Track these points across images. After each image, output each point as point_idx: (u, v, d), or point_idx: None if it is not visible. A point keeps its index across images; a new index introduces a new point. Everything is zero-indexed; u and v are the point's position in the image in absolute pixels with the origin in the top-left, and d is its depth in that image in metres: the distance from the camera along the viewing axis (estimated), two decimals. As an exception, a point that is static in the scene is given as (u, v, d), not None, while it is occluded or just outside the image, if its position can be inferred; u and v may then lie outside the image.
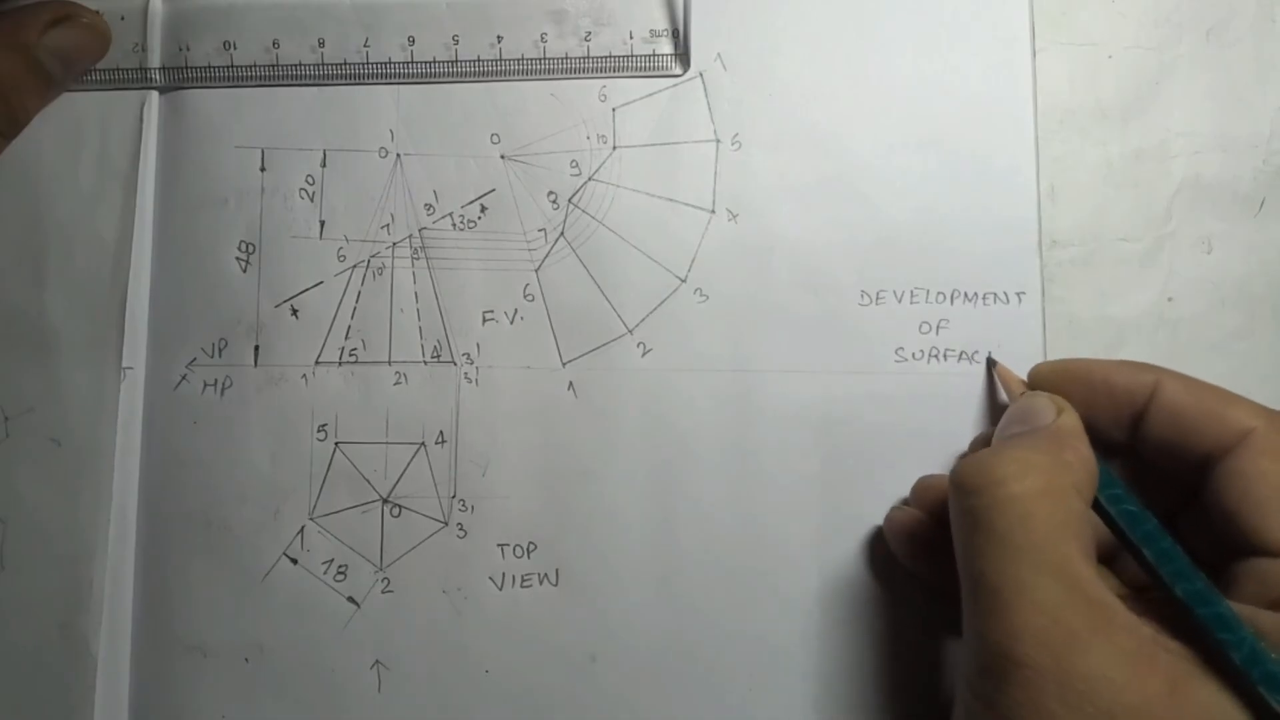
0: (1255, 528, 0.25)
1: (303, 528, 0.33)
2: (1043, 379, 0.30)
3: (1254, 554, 0.25)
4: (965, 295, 0.33)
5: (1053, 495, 0.24)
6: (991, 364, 0.32)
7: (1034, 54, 0.34)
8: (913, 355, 0.33)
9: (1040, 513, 0.24)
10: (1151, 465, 0.28)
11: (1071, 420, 0.27)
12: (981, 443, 0.31)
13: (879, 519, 0.32)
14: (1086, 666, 0.22)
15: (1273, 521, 0.25)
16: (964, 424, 0.33)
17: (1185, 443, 0.27)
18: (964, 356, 0.33)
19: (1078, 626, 0.23)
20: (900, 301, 0.33)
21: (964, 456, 0.31)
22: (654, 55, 0.34)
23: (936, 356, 0.33)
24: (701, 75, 0.34)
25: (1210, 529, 0.27)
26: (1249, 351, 0.34)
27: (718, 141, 0.34)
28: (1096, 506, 0.26)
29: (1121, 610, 0.23)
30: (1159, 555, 0.25)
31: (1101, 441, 0.28)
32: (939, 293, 0.33)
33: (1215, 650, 0.23)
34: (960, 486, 0.26)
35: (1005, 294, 0.33)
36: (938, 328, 0.33)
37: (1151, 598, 0.26)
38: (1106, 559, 0.28)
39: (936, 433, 0.33)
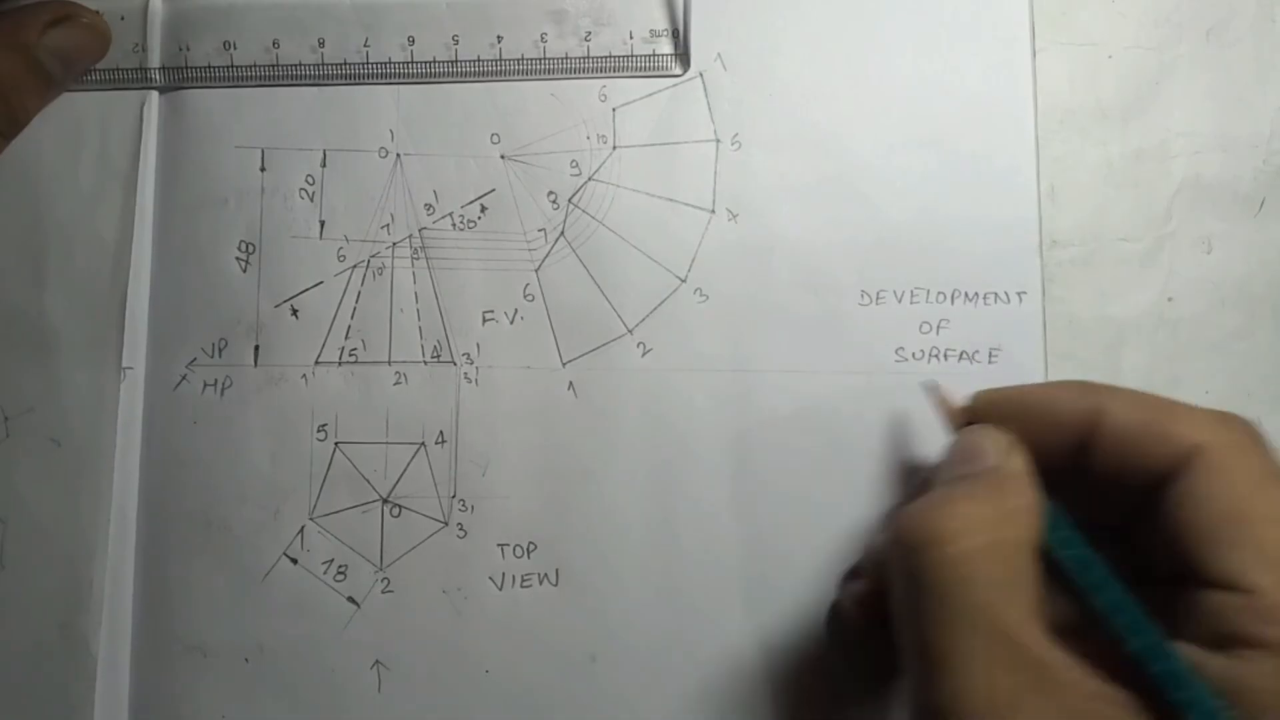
0: (1201, 557, 0.24)
1: (303, 528, 0.33)
2: (981, 408, 0.28)
3: (1201, 585, 0.24)
4: (966, 295, 0.33)
5: (996, 552, 0.23)
6: (933, 389, 0.30)
7: (1034, 54, 0.34)
8: (913, 355, 0.33)
9: (982, 573, 0.23)
10: (1099, 486, 0.26)
11: (1016, 462, 0.26)
12: (920, 482, 0.29)
13: (879, 519, 0.32)
14: None
15: (1219, 550, 0.23)
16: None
17: (1133, 467, 0.25)
18: (964, 356, 0.33)
19: (1020, 689, 0.22)
20: (900, 301, 0.33)
21: (902, 506, 0.28)
22: (654, 55, 0.34)
23: (937, 356, 0.33)
24: (701, 75, 0.34)
25: (1162, 549, 0.25)
26: (1249, 351, 0.34)
27: (718, 141, 0.34)
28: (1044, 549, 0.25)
29: (1065, 666, 0.22)
30: (1109, 606, 0.24)
31: (1047, 468, 0.26)
32: (939, 293, 0.33)
33: (1167, 707, 0.22)
34: (900, 543, 0.24)
35: (1006, 294, 0.33)
36: (938, 328, 0.33)
37: (1099, 637, 0.25)
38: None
39: (937, 432, 0.33)
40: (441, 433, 0.33)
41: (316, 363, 0.33)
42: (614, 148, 0.34)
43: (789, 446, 0.33)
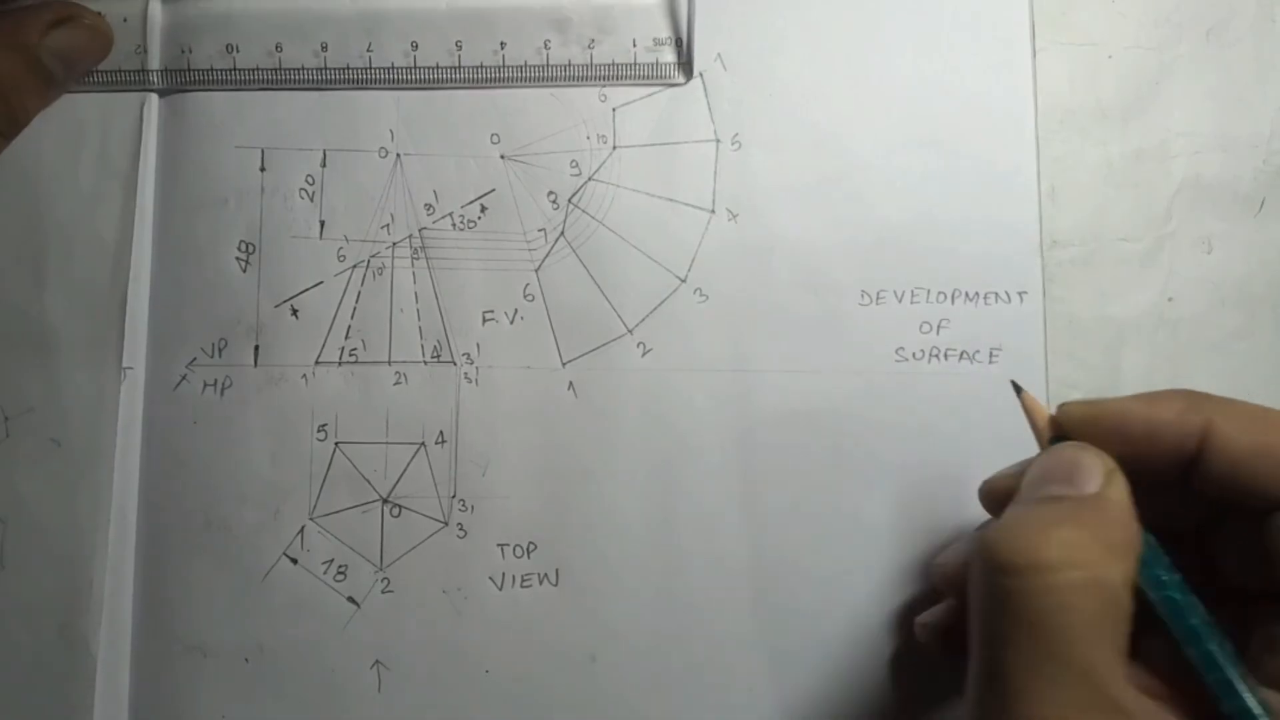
0: None
1: (303, 528, 0.33)
2: (1074, 423, 0.26)
3: None
4: (966, 295, 0.33)
5: (1097, 589, 0.22)
6: (1018, 390, 0.28)
7: (1034, 54, 0.34)
8: (913, 355, 0.33)
9: (1081, 608, 0.22)
10: (1190, 497, 0.25)
11: (1120, 491, 0.24)
12: (1002, 490, 0.27)
13: (879, 519, 0.32)
14: None
15: None
16: (965, 424, 0.33)
17: (1245, 493, 0.24)
18: (965, 356, 0.33)
19: None
20: (900, 301, 0.33)
21: (989, 525, 0.26)
22: (657, 64, 0.34)
23: (937, 356, 0.33)
24: (701, 75, 0.34)
25: (1257, 562, 0.24)
26: (1249, 351, 0.34)
27: (717, 141, 0.34)
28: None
29: (1146, 712, 0.21)
30: (1203, 659, 0.23)
31: (1138, 482, 0.24)
32: (939, 292, 0.33)
33: None
34: (994, 564, 0.23)
35: (1007, 293, 0.33)
36: (938, 327, 0.33)
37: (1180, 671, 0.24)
38: None
39: (937, 432, 0.33)
40: (441, 433, 0.33)
41: (316, 363, 0.33)
42: (614, 148, 0.34)
43: (789, 446, 0.33)
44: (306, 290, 0.34)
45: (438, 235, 0.34)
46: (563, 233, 0.34)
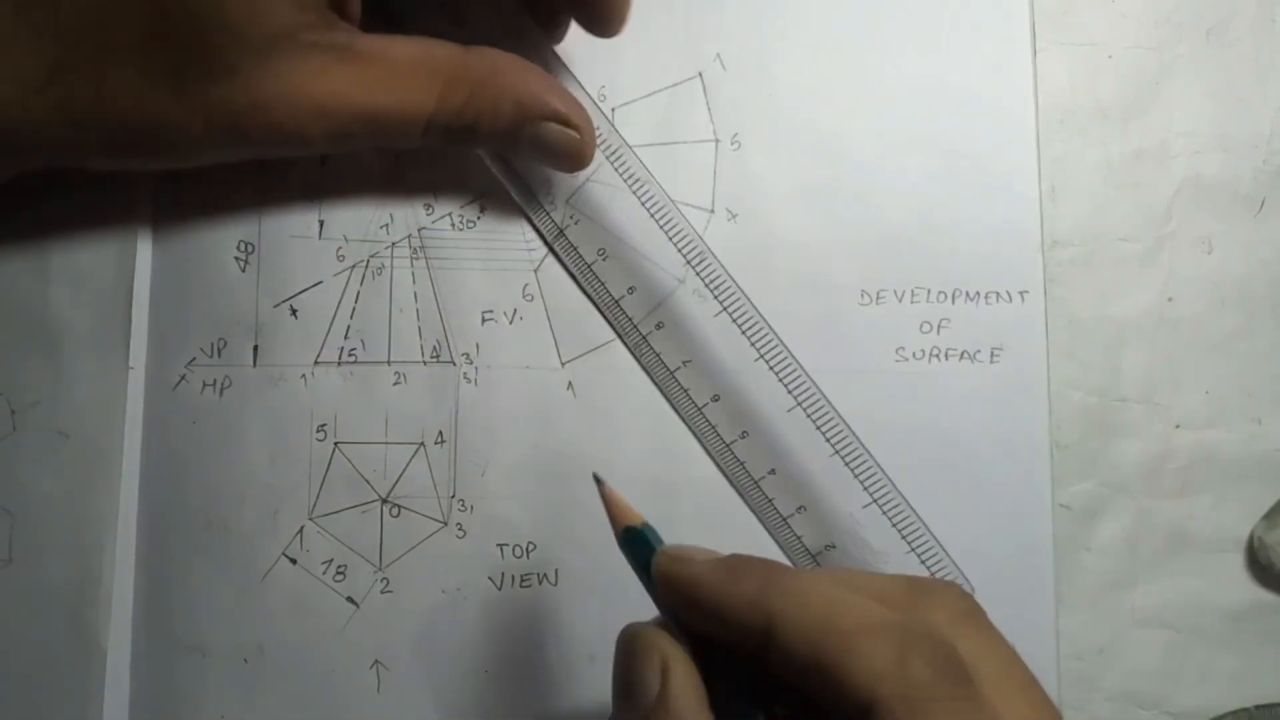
0: None
1: (302, 528, 0.33)
2: (659, 575, 0.25)
3: None
4: (967, 294, 0.33)
5: None
6: (599, 482, 0.26)
7: (1034, 54, 0.34)
8: (913, 355, 0.33)
9: None
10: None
11: (678, 683, 0.22)
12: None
13: (880, 519, 0.32)
14: None
15: None
16: (965, 423, 0.33)
17: (812, 700, 0.22)
18: (965, 356, 0.33)
19: None
20: (901, 301, 0.33)
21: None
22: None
23: (938, 356, 0.33)
24: (701, 75, 0.34)
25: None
26: (1249, 351, 0.34)
27: (717, 142, 0.34)
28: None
29: None
30: None
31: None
32: (940, 292, 0.33)
33: None
34: None
35: (1008, 293, 0.33)
36: (939, 327, 0.33)
37: None
38: None
39: (937, 432, 0.33)
40: (441, 433, 0.33)
41: (316, 363, 0.33)
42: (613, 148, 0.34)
43: (788, 446, 0.33)
44: (305, 290, 0.33)
45: (437, 235, 0.34)
46: (562, 233, 0.33)
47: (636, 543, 0.25)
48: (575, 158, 0.32)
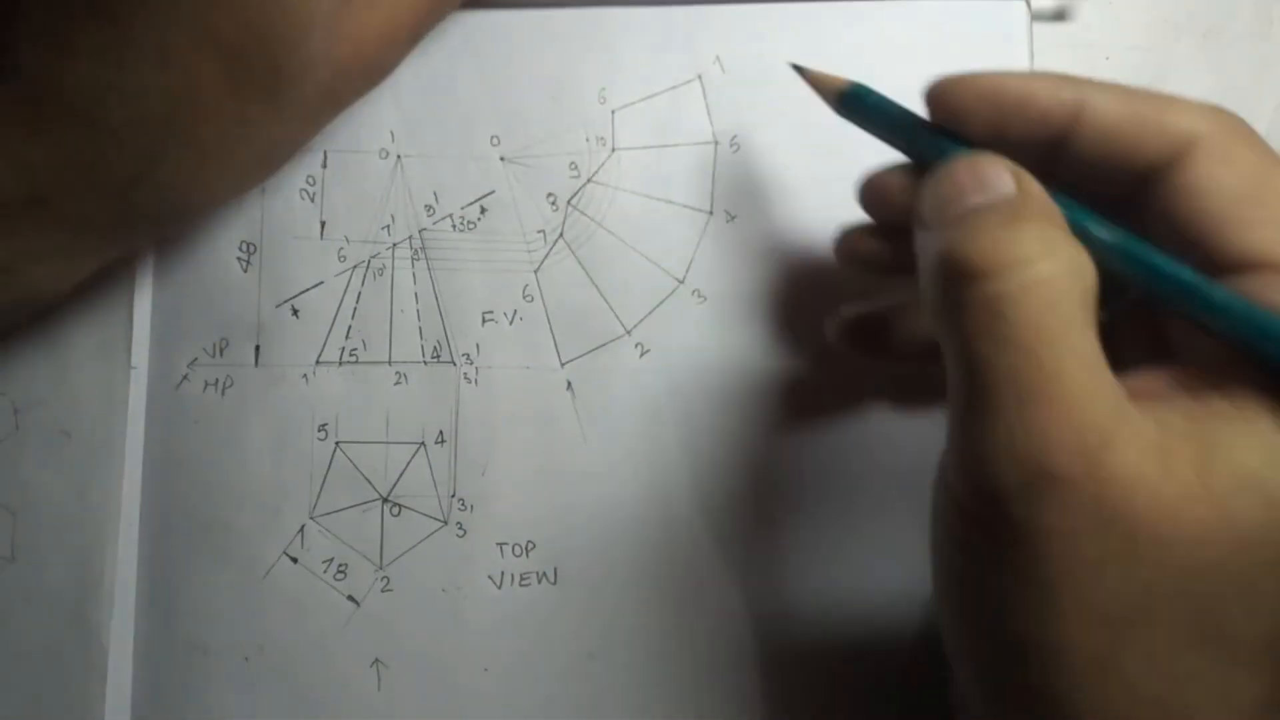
0: (1214, 244, 0.22)
1: (303, 527, 0.33)
2: (943, 95, 0.24)
3: (1215, 273, 0.22)
4: (963, 295, 0.33)
5: (1077, 274, 0.21)
6: (800, 70, 0.26)
7: (1031, 56, 0.34)
8: (911, 355, 0.33)
9: (1072, 295, 0.20)
10: (1078, 188, 0.24)
11: (1034, 183, 0.22)
12: (893, 187, 0.27)
13: (880, 519, 0.32)
14: (1121, 469, 0.19)
15: (1238, 232, 0.22)
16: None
17: (1119, 162, 0.23)
18: (962, 356, 0.33)
19: (1109, 424, 0.19)
20: (898, 302, 0.33)
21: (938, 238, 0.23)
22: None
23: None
24: (700, 77, 0.34)
25: (1158, 242, 0.23)
26: (1248, 352, 0.34)
27: (716, 143, 0.34)
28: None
29: (1128, 395, 0.21)
30: (1190, 288, 0.22)
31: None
32: (937, 293, 0.33)
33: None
34: (967, 270, 0.20)
35: (1003, 294, 0.33)
36: (936, 328, 0.33)
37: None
38: None
39: (937, 432, 0.33)
40: (441, 432, 0.33)
41: (317, 363, 0.33)
42: (613, 150, 0.34)
43: (789, 446, 0.33)
44: (307, 290, 0.34)
45: (438, 236, 0.34)
46: (561, 234, 0.34)
47: (861, 99, 0.26)
48: None
